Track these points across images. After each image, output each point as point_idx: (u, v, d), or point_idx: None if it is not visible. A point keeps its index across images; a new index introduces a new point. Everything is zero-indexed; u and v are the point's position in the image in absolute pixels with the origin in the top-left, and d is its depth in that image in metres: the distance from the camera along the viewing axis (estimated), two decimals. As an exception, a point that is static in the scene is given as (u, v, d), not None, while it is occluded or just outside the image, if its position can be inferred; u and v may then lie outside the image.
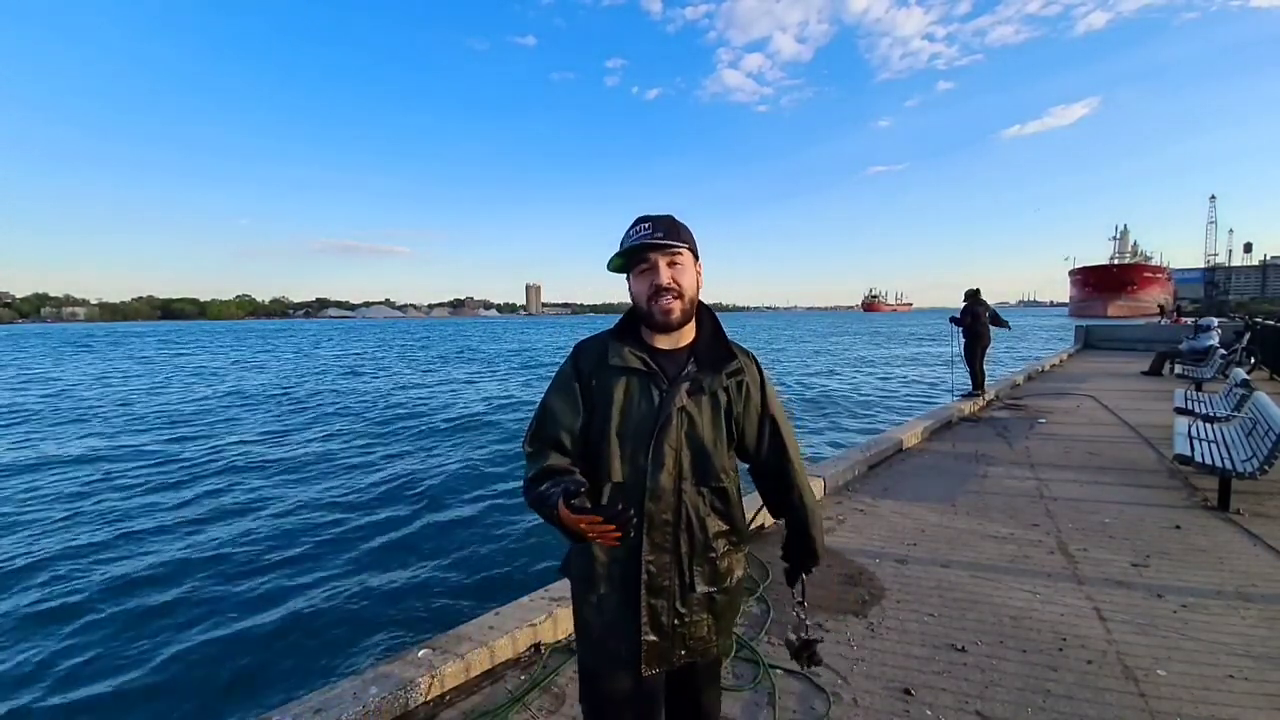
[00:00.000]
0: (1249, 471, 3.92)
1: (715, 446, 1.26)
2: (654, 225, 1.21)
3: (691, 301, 1.26)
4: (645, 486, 1.21)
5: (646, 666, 1.24)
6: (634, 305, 1.28)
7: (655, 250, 1.21)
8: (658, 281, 1.21)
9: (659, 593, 1.24)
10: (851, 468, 4.91)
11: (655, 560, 1.23)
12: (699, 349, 1.29)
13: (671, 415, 1.22)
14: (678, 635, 1.26)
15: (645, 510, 1.21)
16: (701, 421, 1.25)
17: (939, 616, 2.71)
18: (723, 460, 1.27)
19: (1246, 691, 2.15)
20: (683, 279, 1.23)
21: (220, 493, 7.27)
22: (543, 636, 2.52)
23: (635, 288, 1.26)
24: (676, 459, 1.23)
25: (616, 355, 1.25)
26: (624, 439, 1.23)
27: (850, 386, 16.94)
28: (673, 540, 1.24)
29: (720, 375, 1.26)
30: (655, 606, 1.24)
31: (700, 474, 1.25)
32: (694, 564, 1.26)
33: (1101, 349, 17.95)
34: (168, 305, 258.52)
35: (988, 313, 8.58)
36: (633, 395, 1.24)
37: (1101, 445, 5.89)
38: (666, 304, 1.21)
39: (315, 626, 4.08)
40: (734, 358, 1.29)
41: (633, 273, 1.26)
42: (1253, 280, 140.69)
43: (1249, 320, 15.87)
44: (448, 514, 6.32)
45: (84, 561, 5.22)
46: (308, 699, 2.02)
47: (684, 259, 1.24)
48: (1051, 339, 36.39)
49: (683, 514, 1.24)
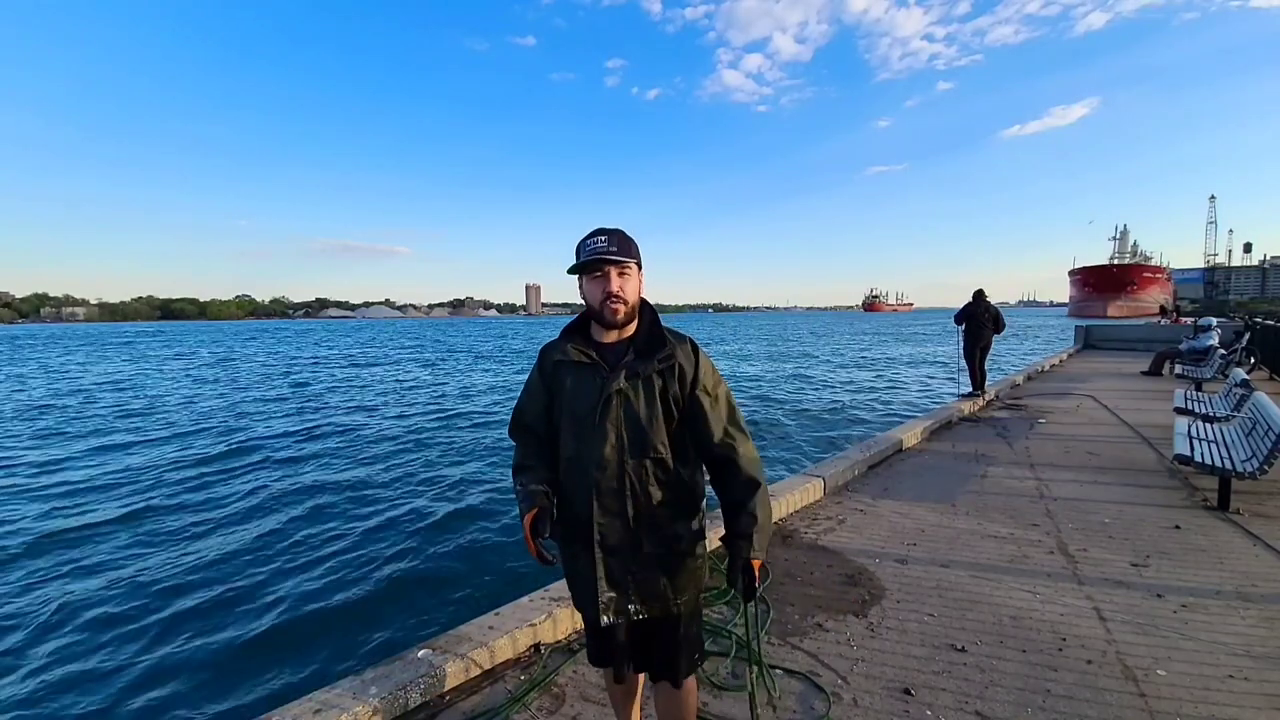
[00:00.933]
0: (1249, 471, 3.92)
1: (651, 423, 1.44)
2: (609, 239, 1.42)
3: (634, 306, 1.48)
4: (591, 458, 1.43)
5: (605, 616, 1.46)
6: (587, 305, 1.50)
7: (609, 263, 1.42)
8: (608, 289, 1.43)
9: (612, 551, 1.45)
10: (851, 468, 4.91)
11: (606, 524, 1.45)
12: (637, 340, 1.50)
13: (611, 396, 1.43)
14: (634, 590, 1.47)
15: (593, 478, 1.43)
16: (638, 402, 1.44)
17: (939, 616, 2.71)
18: (659, 435, 1.45)
19: (1246, 691, 2.15)
20: (628, 287, 1.45)
21: (219, 492, 7.27)
22: (542, 636, 2.52)
23: (589, 291, 1.47)
24: (618, 434, 1.43)
25: (563, 353, 1.50)
26: (573, 419, 1.48)
27: (856, 387, 16.94)
28: (619, 505, 1.45)
29: (653, 360, 1.45)
30: (610, 564, 1.45)
31: (638, 447, 1.44)
32: (640, 526, 1.45)
33: (1101, 349, 17.95)
34: (167, 305, 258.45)
35: (988, 314, 8.57)
36: (580, 383, 1.47)
37: (1101, 445, 5.90)
38: (615, 307, 1.43)
39: (315, 626, 4.07)
40: (665, 345, 1.47)
41: (587, 277, 1.46)
42: (1252, 280, 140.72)
43: (1249, 320, 15.88)
44: (447, 514, 6.31)
45: (84, 560, 5.22)
46: (308, 699, 2.03)
47: (631, 270, 1.46)
48: (1052, 339, 36.41)
49: (626, 482, 1.44)
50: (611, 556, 1.45)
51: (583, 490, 1.45)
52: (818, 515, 4.07)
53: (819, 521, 3.96)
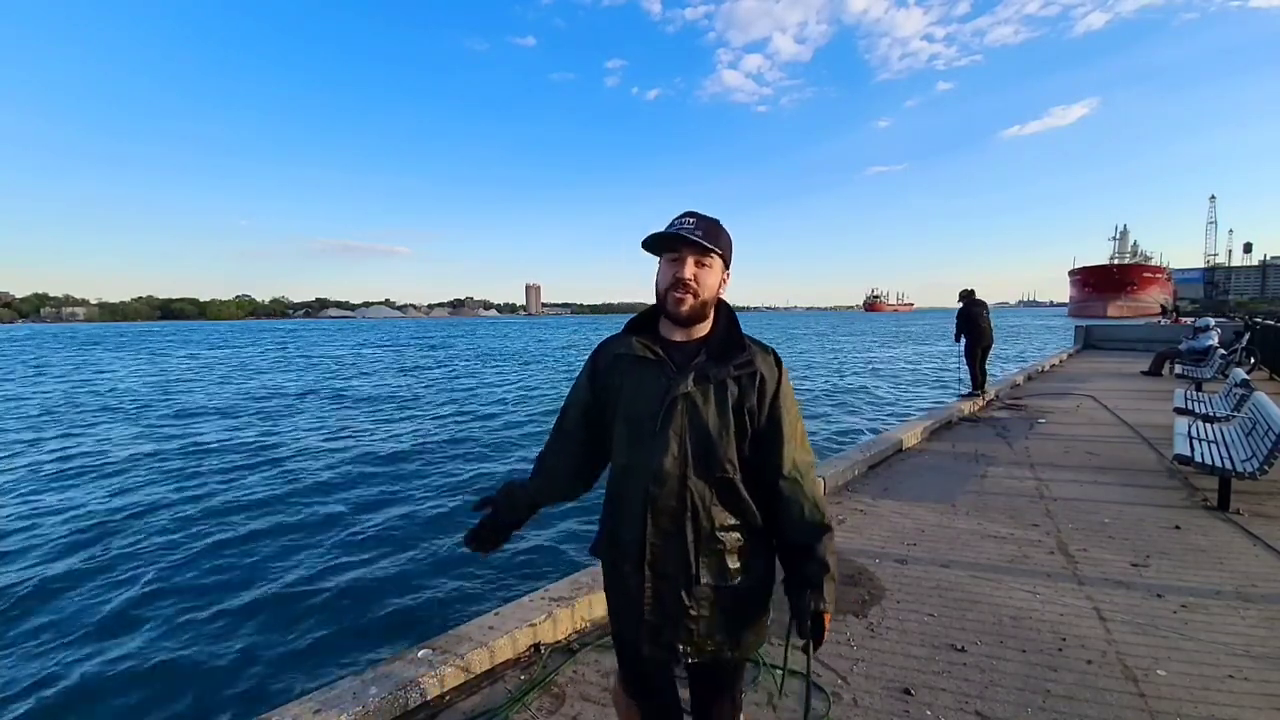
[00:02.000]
0: (1249, 471, 3.92)
1: (720, 436, 1.24)
2: (697, 223, 1.24)
3: (705, 303, 1.27)
4: (648, 469, 1.24)
5: (647, 647, 1.28)
6: (656, 288, 1.31)
7: (689, 245, 1.23)
8: (679, 274, 1.23)
9: (663, 575, 1.26)
10: (851, 468, 4.91)
11: (659, 545, 1.26)
12: (711, 341, 1.30)
13: (676, 400, 1.24)
14: (681, 625, 1.27)
15: (649, 493, 1.24)
16: (706, 410, 1.24)
17: (939, 616, 2.71)
18: (729, 451, 1.25)
19: (1246, 691, 2.15)
20: (704, 279, 1.25)
21: (218, 493, 7.27)
22: (543, 637, 2.52)
23: (661, 273, 1.29)
24: (681, 444, 1.24)
25: (624, 345, 1.32)
26: (630, 423, 1.28)
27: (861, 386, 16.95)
28: (677, 526, 1.25)
29: (728, 366, 1.26)
30: (659, 588, 1.27)
31: (704, 463, 1.25)
32: (700, 554, 1.25)
33: (1101, 349, 17.96)
34: (167, 305, 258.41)
35: (986, 310, 8.56)
36: (641, 383, 1.28)
37: (1101, 445, 5.90)
38: (680, 296, 1.24)
39: (315, 626, 4.07)
40: (744, 349, 1.28)
41: (663, 258, 1.28)
42: (1252, 280, 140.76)
43: (1248, 320, 15.88)
44: (448, 514, 6.31)
45: (84, 559, 5.22)
46: (308, 699, 2.02)
47: (712, 263, 1.26)
48: (1052, 339, 36.42)
49: (688, 501, 1.24)
50: (661, 580, 1.26)
51: (636, 505, 1.27)
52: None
53: (819, 521, 3.95)
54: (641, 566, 1.27)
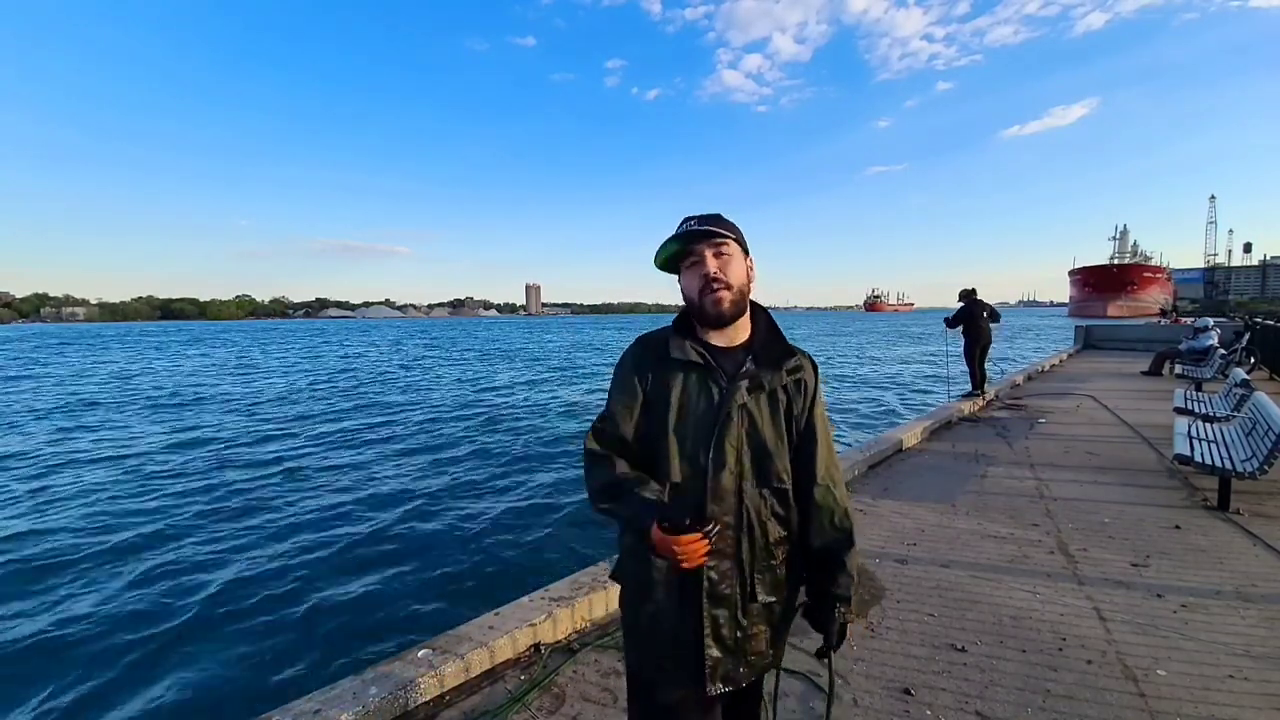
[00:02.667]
0: (1249, 471, 3.92)
1: (776, 446, 1.21)
2: (701, 220, 1.20)
3: (742, 294, 1.22)
4: (706, 487, 1.17)
5: (712, 684, 1.19)
6: (686, 301, 1.25)
7: (700, 240, 1.19)
8: (705, 272, 1.18)
9: (721, 602, 1.19)
10: (851, 468, 4.91)
11: (717, 567, 1.18)
12: (756, 346, 1.25)
13: (732, 412, 1.18)
14: (740, 649, 1.21)
15: (708, 512, 1.17)
16: (762, 420, 1.20)
17: (939, 616, 2.71)
18: (784, 461, 1.23)
19: (1246, 691, 2.15)
20: (730, 269, 1.20)
21: (218, 492, 7.27)
22: (543, 637, 2.52)
23: (686, 283, 1.23)
24: (738, 458, 1.18)
25: (678, 349, 1.21)
26: (683, 437, 1.19)
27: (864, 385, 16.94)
28: (734, 545, 1.19)
29: (780, 373, 1.22)
30: (717, 618, 1.19)
31: (761, 475, 1.20)
32: (755, 571, 1.21)
33: (1101, 349, 17.96)
34: (167, 305, 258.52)
35: (985, 311, 8.56)
36: (691, 391, 1.20)
37: (1101, 445, 5.89)
38: (717, 294, 1.18)
39: (315, 626, 4.08)
40: (794, 355, 1.26)
41: (683, 267, 1.24)
42: (1252, 280, 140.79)
43: (1248, 320, 15.88)
44: (448, 514, 6.31)
45: (85, 558, 5.22)
46: (308, 699, 2.03)
47: (730, 249, 1.21)
48: (1052, 339, 36.41)
49: (744, 517, 1.19)
50: (720, 608, 1.18)
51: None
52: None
53: (819, 521, 3.95)
54: (695, 594, 1.18)
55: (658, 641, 1.23)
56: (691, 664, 1.19)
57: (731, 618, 1.19)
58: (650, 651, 1.25)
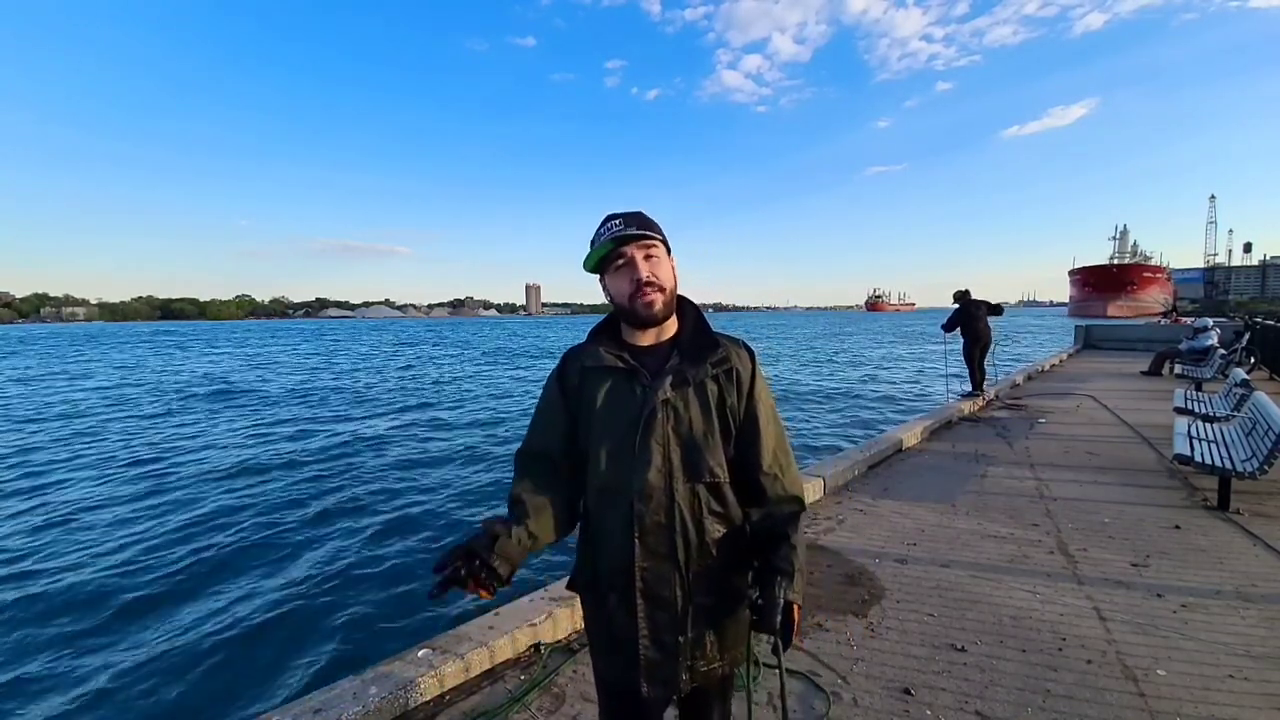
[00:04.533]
0: (1249, 471, 3.92)
1: (707, 440, 1.19)
2: (625, 220, 1.18)
3: (671, 294, 1.23)
4: (632, 486, 1.16)
5: (647, 686, 1.18)
6: (614, 304, 1.25)
7: (629, 243, 1.18)
8: (636, 276, 1.18)
9: (658, 603, 1.18)
10: (851, 468, 4.91)
11: (651, 567, 1.17)
12: (682, 341, 1.24)
13: (656, 409, 1.16)
14: (682, 652, 1.19)
15: (635, 512, 1.16)
16: (689, 414, 1.19)
17: (939, 616, 2.71)
18: (717, 455, 1.20)
19: (1246, 691, 2.15)
20: (659, 271, 1.20)
21: (216, 492, 7.27)
22: (542, 636, 2.52)
23: (613, 286, 1.22)
24: (665, 455, 1.17)
25: (593, 358, 1.22)
26: (607, 439, 1.19)
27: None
28: (668, 544, 1.17)
29: (705, 365, 1.21)
30: (656, 619, 1.18)
31: (692, 470, 1.18)
32: (692, 570, 1.19)
33: (1101, 349, 17.96)
34: (167, 305, 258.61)
35: (983, 309, 8.54)
36: (615, 395, 1.20)
37: (1101, 445, 5.89)
38: (649, 297, 1.18)
39: (315, 626, 4.07)
40: (718, 346, 1.23)
41: (609, 271, 1.22)
42: (1252, 280, 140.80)
43: (1248, 320, 15.88)
44: (448, 514, 6.31)
45: (86, 557, 5.22)
46: (308, 699, 2.03)
47: (658, 251, 1.21)
48: (1052, 339, 36.40)
49: (676, 515, 1.17)
50: (657, 610, 1.18)
51: (620, 527, 1.18)
52: (817, 515, 4.07)
53: (819, 521, 3.95)
54: (632, 595, 1.17)
55: (608, 645, 1.25)
56: (632, 665, 1.19)
57: (670, 620, 1.18)
58: (604, 654, 1.27)
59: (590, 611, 1.29)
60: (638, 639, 1.18)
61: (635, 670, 1.18)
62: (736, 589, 1.25)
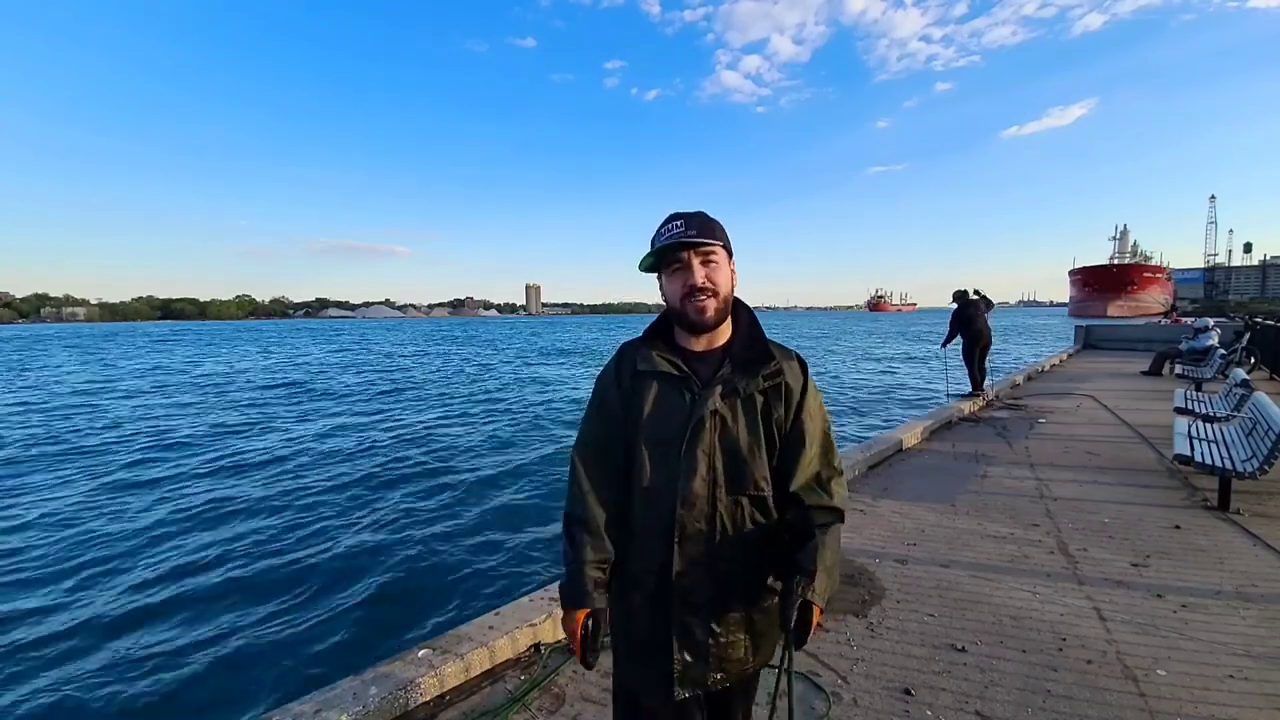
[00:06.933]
0: (1249, 471, 3.92)
1: (752, 453, 1.18)
2: (687, 222, 1.17)
3: (726, 300, 1.21)
4: (676, 493, 1.16)
5: (680, 689, 1.18)
6: (668, 306, 1.24)
7: (689, 248, 1.17)
8: (692, 281, 1.16)
9: (693, 609, 1.18)
10: (851, 468, 4.91)
11: (687, 573, 1.17)
12: (734, 350, 1.23)
13: (704, 418, 1.16)
14: (713, 656, 1.19)
15: (677, 518, 1.16)
16: (736, 426, 1.18)
17: (939, 616, 2.71)
18: (761, 468, 1.19)
19: (1246, 691, 2.15)
20: (717, 277, 1.18)
21: (216, 491, 7.27)
22: (543, 636, 2.52)
23: (668, 288, 1.21)
24: (710, 464, 1.17)
25: (646, 360, 1.22)
26: (655, 444, 1.19)
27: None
28: (705, 552, 1.18)
29: (756, 377, 1.19)
30: (688, 624, 1.18)
31: (736, 481, 1.18)
32: (729, 578, 1.19)
33: (1101, 349, 17.96)
34: (168, 305, 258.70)
35: (982, 306, 8.56)
36: (664, 400, 1.20)
37: (1101, 445, 5.89)
38: (701, 303, 1.17)
39: (315, 626, 4.07)
40: (771, 358, 1.22)
41: (665, 272, 1.21)
42: (1253, 280, 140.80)
43: (1249, 320, 15.88)
44: (448, 513, 6.31)
45: (86, 555, 5.22)
46: (308, 699, 2.03)
47: (719, 257, 1.19)
48: (1052, 339, 36.41)
49: (718, 524, 1.18)
50: (691, 615, 1.18)
51: (660, 530, 1.18)
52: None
53: (819, 521, 3.95)
54: (666, 598, 1.18)
55: (636, 648, 1.25)
56: (665, 667, 1.19)
57: (704, 625, 1.19)
58: (630, 659, 1.27)
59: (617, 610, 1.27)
60: (670, 641, 1.18)
61: (668, 674, 1.18)
62: (773, 597, 1.24)
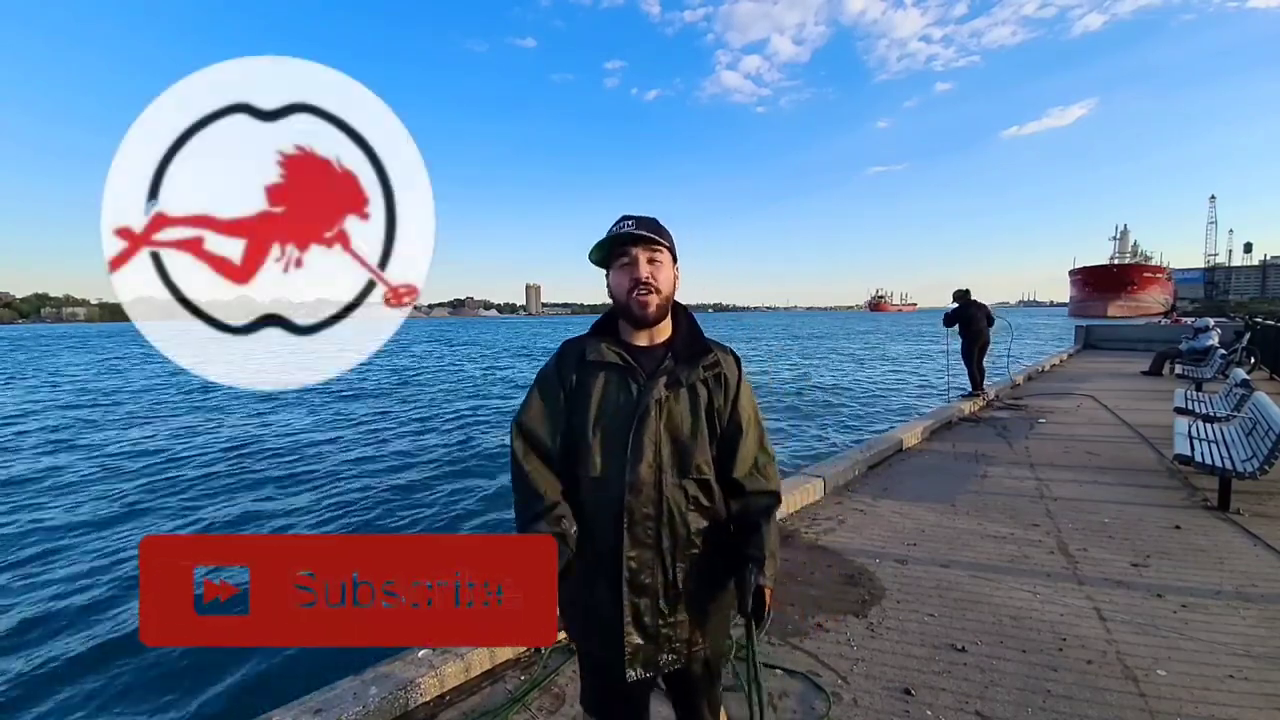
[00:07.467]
0: (1249, 471, 3.92)
1: (695, 439, 1.27)
2: (638, 222, 1.26)
3: (667, 299, 1.30)
4: (624, 480, 1.23)
5: (630, 669, 1.25)
6: (613, 299, 1.32)
7: (636, 244, 1.26)
8: (636, 275, 1.25)
9: (641, 590, 1.25)
10: (851, 468, 4.91)
11: (637, 556, 1.24)
12: (676, 345, 1.33)
13: (649, 407, 1.24)
14: (662, 636, 1.27)
15: (625, 504, 1.23)
16: (680, 414, 1.27)
17: (939, 616, 2.71)
18: (704, 453, 1.28)
19: (1246, 691, 2.15)
20: (660, 275, 1.27)
21: (216, 489, 7.27)
22: (543, 636, 2.52)
23: (614, 281, 1.30)
24: (656, 451, 1.24)
25: (594, 351, 1.29)
26: (602, 433, 1.26)
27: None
28: (654, 535, 1.24)
29: (697, 368, 1.29)
30: (638, 605, 1.24)
31: (681, 466, 1.26)
32: (677, 560, 1.26)
33: (1101, 349, 17.95)
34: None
35: (984, 311, 8.56)
36: (611, 390, 1.27)
37: (1101, 445, 5.89)
38: (644, 298, 1.25)
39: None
40: (710, 351, 1.32)
41: (613, 266, 1.29)
42: (1253, 280, 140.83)
43: (1249, 320, 15.89)
44: (447, 513, 6.31)
45: (87, 554, 5.22)
46: (308, 699, 2.03)
47: (663, 257, 1.29)
48: (1052, 339, 36.41)
49: (664, 508, 1.25)
50: (641, 597, 1.24)
51: (609, 517, 1.24)
52: (818, 515, 4.07)
53: (819, 522, 3.95)
54: (617, 582, 1.24)
55: (592, 631, 1.31)
56: (616, 650, 1.25)
57: (653, 606, 1.25)
58: (587, 641, 1.36)
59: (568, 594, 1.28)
60: (622, 624, 1.24)
61: (619, 654, 1.24)
62: (718, 577, 1.33)
